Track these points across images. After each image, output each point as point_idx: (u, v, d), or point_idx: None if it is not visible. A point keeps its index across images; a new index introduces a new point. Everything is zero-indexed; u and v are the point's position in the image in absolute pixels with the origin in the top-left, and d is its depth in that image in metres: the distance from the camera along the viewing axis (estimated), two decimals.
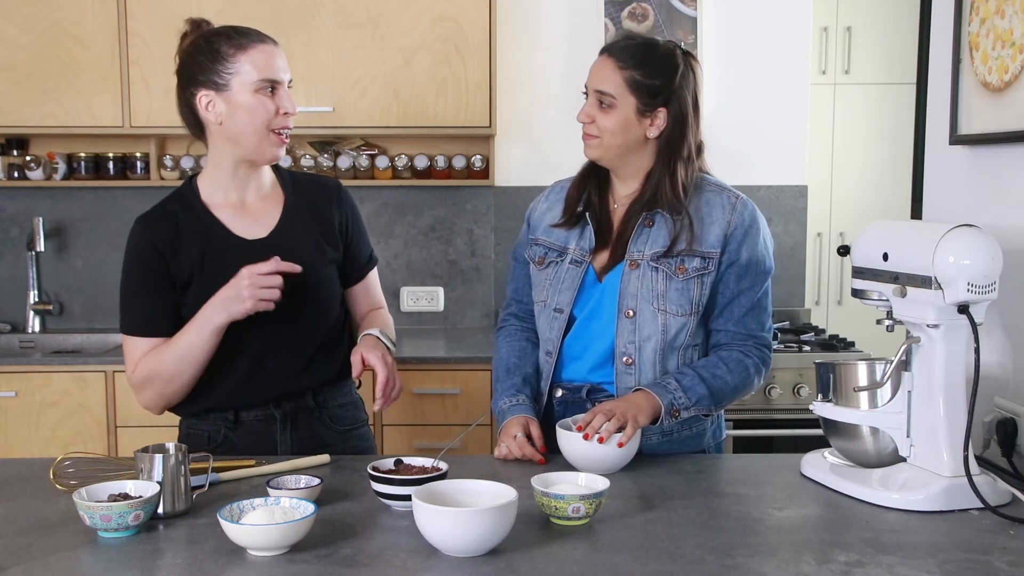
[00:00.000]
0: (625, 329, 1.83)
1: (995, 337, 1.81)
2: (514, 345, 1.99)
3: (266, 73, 1.81)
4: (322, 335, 1.94)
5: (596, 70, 1.85)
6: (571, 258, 1.91)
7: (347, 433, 2.02)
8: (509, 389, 1.91)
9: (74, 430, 3.02)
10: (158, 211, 1.92)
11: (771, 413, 3.03)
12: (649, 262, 1.83)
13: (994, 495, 1.52)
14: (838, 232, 4.31)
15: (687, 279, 1.83)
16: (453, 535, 1.30)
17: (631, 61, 1.82)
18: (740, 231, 1.84)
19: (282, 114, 1.84)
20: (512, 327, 2.04)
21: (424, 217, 3.64)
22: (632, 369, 1.84)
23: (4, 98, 3.24)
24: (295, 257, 1.86)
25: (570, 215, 1.93)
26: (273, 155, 1.87)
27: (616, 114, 1.82)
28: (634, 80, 1.82)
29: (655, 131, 1.85)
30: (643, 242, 1.85)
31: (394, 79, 3.27)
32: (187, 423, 1.97)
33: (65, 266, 3.64)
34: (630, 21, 3.53)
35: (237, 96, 1.81)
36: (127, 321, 1.89)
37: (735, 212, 1.86)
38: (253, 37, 1.84)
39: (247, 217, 1.92)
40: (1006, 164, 1.83)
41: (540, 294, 1.95)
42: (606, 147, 1.84)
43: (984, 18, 1.84)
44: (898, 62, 4.29)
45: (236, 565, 1.30)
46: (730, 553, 1.35)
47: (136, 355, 1.87)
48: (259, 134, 1.83)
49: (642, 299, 1.83)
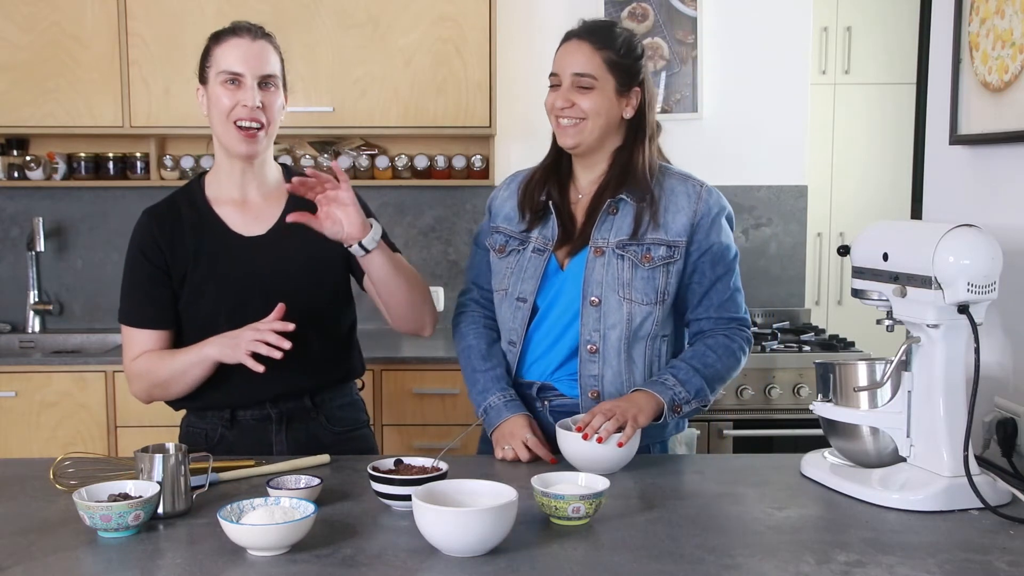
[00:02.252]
0: (590, 317, 1.82)
1: (995, 337, 1.81)
2: (481, 332, 1.96)
3: (227, 65, 1.84)
4: (321, 337, 1.93)
5: (569, 54, 1.85)
6: (533, 246, 1.89)
7: (345, 434, 2.01)
8: (496, 381, 1.88)
9: (74, 430, 3.02)
10: (164, 205, 1.95)
11: (771, 413, 3.03)
12: (615, 250, 1.83)
13: (994, 495, 1.52)
14: (838, 232, 4.31)
15: (653, 268, 1.82)
16: (453, 535, 1.30)
17: (606, 42, 1.84)
18: (707, 219, 1.84)
19: (241, 106, 1.83)
20: (474, 313, 2.00)
21: (424, 217, 3.64)
22: (596, 357, 1.83)
23: (4, 98, 3.24)
24: (291, 256, 1.87)
25: (533, 212, 1.90)
26: (240, 149, 1.85)
27: (597, 95, 1.82)
28: (612, 60, 1.83)
29: (631, 111, 1.86)
30: (607, 229, 1.85)
31: (394, 79, 3.27)
32: (187, 421, 1.99)
33: (65, 266, 3.64)
34: (630, 21, 3.53)
35: (211, 88, 1.86)
36: (125, 311, 1.92)
37: (701, 200, 1.85)
38: (234, 31, 1.87)
39: (247, 214, 1.92)
40: (1006, 164, 1.83)
41: (500, 283, 1.93)
42: (589, 130, 1.83)
43: (984, 18, 1.84)
44: (898, 62, 4.28)
45: (236, 565, 1.30)
46: (730, 553, 1.35)
47: (133, 346, 1.91)
48: (222, 125, 1.85)
49: (607, 287, 1.82)
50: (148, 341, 1.89)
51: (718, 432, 3.01)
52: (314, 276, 1.92)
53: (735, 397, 3.02)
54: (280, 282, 1.89)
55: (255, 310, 1.79)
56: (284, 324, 1.74)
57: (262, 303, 1.80)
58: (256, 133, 1.85)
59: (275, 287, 1.87)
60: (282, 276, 1.89)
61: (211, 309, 1.88)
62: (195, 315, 1.90)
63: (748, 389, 3.02)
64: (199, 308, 1.89)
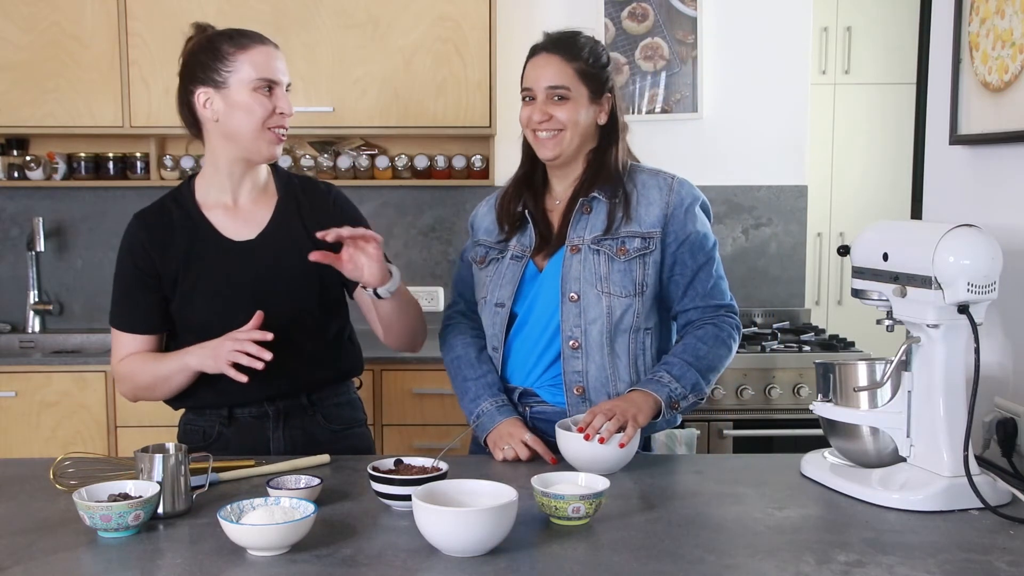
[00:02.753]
0: (570, 313, 1.83)
1: (995, 337, 1.81)
2: (468, 342, 1.97)
3: (264, 73, 1.83)
4: (313, 340, 1.94)
5: (540, 68, 1.88)
6: (512, 254, 1.92)
7: (342, 433, 2.01)
8: (487, 388, 1.89)
9: (74, 430, 3.02)
10: (154, 208, 1.95)
11: (771, 413, 3.03)
12: (590, 246, 1.85)
13: (994, 495, 1.52)
14: (838, 232, 4.31)
15: (629, 260, 1.83)
16: (453, 535, 1.30)
17: (575, 53, 1.88)
18: (681, 209, 1.86)
19: (278, 113, 1.85)
20: (461, 324, 2.02)
21: (424, 217, 3.64)
22: (579, 353, 1.84)
23: (4, 98, 3.24)
24: (281, 260, 1.89)
25: (510, 224, 1.93)
26: (270, 153, 1.87)
27: (572, 105, 1.86)
28: (583, 71, 1.87)
29: (604, 117, 1.90)
30: (582, 227, 1.87)
31: (394, 79, 3.27)
32: (185, 418, 2.00)
33: (65, 266, 3.64)
34: (630, 21, 3.53)
35: (235, 94, 1.83)
36: (114, 314, 1.95)
37: (673, 191, 1.87)
38: (255, 38, 1.87)
39: (237, 219, 1.93)
40: (1006, 164, 1.83)
41: (481, 291, 1.96)
42: (568, 141, 1.86)
43: (984, 18, 1.84)
44: (898, 62, 4.29)
45: (236, 565, 1.30)
46: (730, 553, 1.35)
47: (119, 348, 1.94)
48: (256, 132, 1.84)
49: (585, 282, 1.83)
50: (134, 344, 1.92)
51: (718, 432, 3.01)
52: (305, 279, 1.92)
53: (735, 397, 3.02)
54: (271, 285, 1.89)
55: (247, 314, 1.79)
56: (263, 334, 1.74)
57: (254, 307, 1.81)
58: (284, 138, 1.88)
59: (266, 290, 1.88)
60: (273, 279, 1.90)
61: (203, 313, 1.89)
62: (188, 319, 1.90)
63: (748, 389, 3.01)
64: (191, 312, 1.90)
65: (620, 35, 3.53)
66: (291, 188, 1.98)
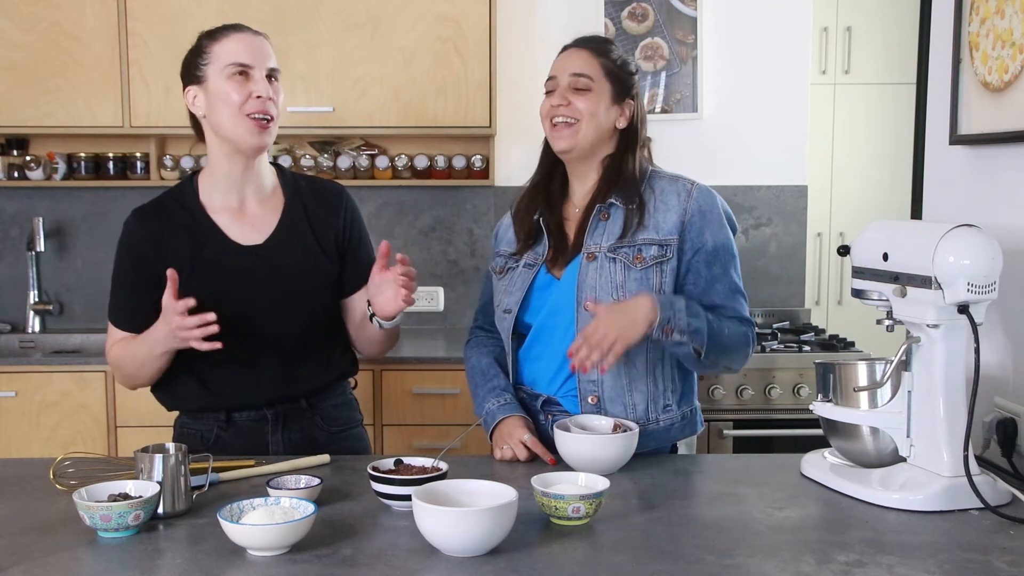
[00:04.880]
0: (586, 322, 1.81)
1: (995, 337, 1.81)
2: (482, 352, 1.99)
3: (236, 58, 1.82)
4: (314, 344, 1.94)
5: (569, 58, 1.89)
6: (524, 262, 1.92)
7: (340, 434, 2.02)
8: (493, 391, 1.90)
9: (74, 430, 3.02)
10: (153, 206, 1.94)
11: (771, 413, 3.03)
12: (607, 253, 1.83)
13: (994, 495, 1.52)
14: (838, 232, 4.31)
15: (646, 268, 1.82)
16: (453, 535, 1.30)
17: (604, 51, 1.89)
18: (698, 217, 1.83)
19: (255, 98, 1.82)
20: (478, 338, 2.05)
21: (424, 217, 3.64)
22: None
23: (4, 98, 3.24)
24: (289, 265, 1.89)
25: (526, 234, 1.93)
26: (254, 141, 1.84)
27: (593, 97, 1.85)
28: (609, 68, 1.87)
29: (624, 122, 1.89)
30: (599, 235, 1.85)
31: (394, 79, 3.27)
32: (181, 421, 1.99)
33: (65, 266, 3.64)
34: (630, 21, 3.54)
35: (212, 84, 1.83)
36: (111, 308, 1.97)
37: (691, 198, 1.85)
38: (231, 28, 1.86)
39: (244, 223, 1.92)
40: (1006, 164, 1.83)
41: (496, 300, 1.97)
42: (583, 133, 1.84)
43: (984, 18, 1.84)
44: (898, 62, 4.29)
45: (236, 565, 1.30)
46: (730, 553, 1.35)
47: (110, 338, 1.96)
48: (234, 119, 1.82)
49: (601, 290, 1.81)
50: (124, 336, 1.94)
51: (718, 432, 3.02)
52: (311, 283, 1.92)
53: (735, 397, 3.02)
54: (278, 289, 1.89)
55: (253, 319, 1.79)
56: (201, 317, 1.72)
57: (261, 311, 1.80)
58: (268, 125, 1.84)
59: (274, 295, 1.88)
60: (280, 284, 1.89)
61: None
62: None
63: (748, 389, 3.02)
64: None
65: (620, 35, 3.53)
66: (298, 190, 1.97)
